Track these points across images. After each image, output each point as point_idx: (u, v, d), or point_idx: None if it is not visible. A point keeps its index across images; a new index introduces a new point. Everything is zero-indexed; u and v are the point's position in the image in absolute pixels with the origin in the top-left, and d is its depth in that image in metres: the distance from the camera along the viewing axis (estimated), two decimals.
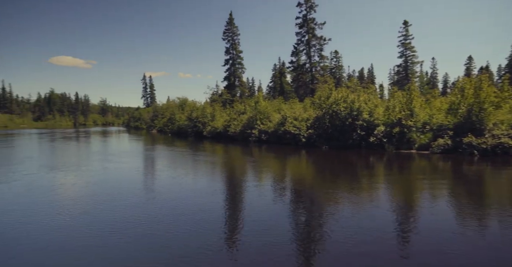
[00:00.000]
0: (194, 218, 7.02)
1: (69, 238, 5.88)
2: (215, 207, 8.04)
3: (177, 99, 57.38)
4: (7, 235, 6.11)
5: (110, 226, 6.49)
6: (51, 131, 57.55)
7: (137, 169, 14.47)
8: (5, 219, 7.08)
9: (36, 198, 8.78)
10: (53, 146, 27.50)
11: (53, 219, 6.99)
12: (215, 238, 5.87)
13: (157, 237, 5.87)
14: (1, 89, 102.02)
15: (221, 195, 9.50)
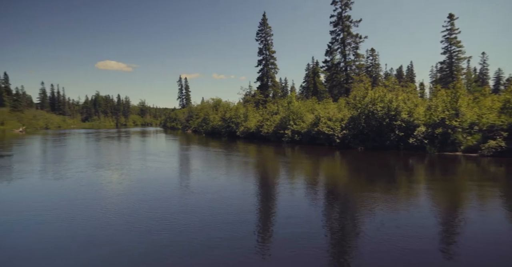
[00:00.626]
0: (229, 217, 7.16)
1: (114, 233, 6.28)
2: (249, 206, 8.12)
3: (211, 100, 58.87)
4: (63, 228, 6.68)
5: (148, 225, 6.82)
6: (97, 131, 61.85)
7: (175, 169, 15.06)
8: (64, 214, 7.75)
9: (88, 195, 9.49)
10: (99, 145, 29.53)
11: (101, 215, 7.53)
12: (249, 237, 5.94)
13: (192, 236, 6.06)
14: (56, 93, 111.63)
15: (255, 195, 9.59)
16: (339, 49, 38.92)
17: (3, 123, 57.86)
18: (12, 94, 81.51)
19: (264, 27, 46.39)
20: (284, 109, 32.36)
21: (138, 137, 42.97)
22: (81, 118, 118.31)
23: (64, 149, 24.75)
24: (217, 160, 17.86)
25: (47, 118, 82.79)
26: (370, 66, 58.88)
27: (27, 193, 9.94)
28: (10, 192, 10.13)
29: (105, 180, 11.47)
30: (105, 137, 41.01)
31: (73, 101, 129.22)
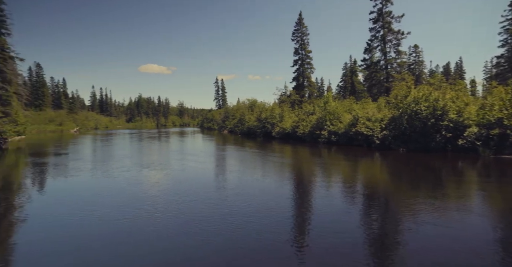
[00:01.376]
0: (264, 217, 7.25)
1: (156, 234, 6.66)
2: (284, 207, 8.15)
3: (246, 101, 59.60)
4: (113, 225, 7.23)
5: (192, 226, 7.12)
6: (139, 131, 65.65)
7: (215, 169, 15.42)
8: (115, 212, 8.38)
9: (135, 193, 10.17)
10: (142, 145, 31.34)
11: (147, 214, 8.02)
12: (283, 239, 5.97)
13: (226, 236, 6.23)
14: (104, 96, 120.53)
15: (290, 196, 9.59)
16: (379, 46, 37.34)
17: (61, 124, 63.73)
18: (69, 98, 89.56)
19: (300, 27, 45.99)
20: (321, 109, 31.79)
21: (177, 137, 44.85)
22: (126, 119, 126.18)
23: (111, 149, 26.63)
24: (254, 161, 18.04)
25: (96, 119, 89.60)
26: (413, 64, 55.59)
27: (80, 190, 10.88)
28: (66, 188, 11.14)
29: (150, 180, 12.01)
30: (147, 137, 43.37)
31: (118, 103, 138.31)
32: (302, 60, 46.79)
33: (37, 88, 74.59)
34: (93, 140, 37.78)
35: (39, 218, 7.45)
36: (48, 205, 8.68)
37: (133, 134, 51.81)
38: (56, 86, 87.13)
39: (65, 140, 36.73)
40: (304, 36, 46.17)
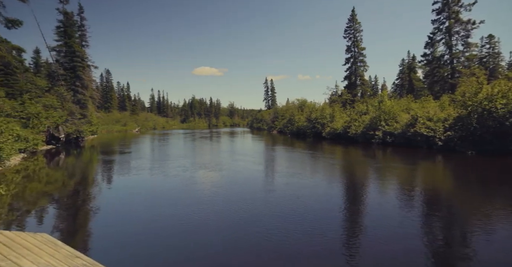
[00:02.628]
0: (315, 221, 7.15)
1: (212, 234, 6.98)
2: (337, 211, 7.94)
3: (296, 101, 59.09)
4: (183, 223, 7.77)
5: (238, 226, 7.32)
6: (192, 131, 69.23)
7: (266, 170, 15.64)
8: (175, 209, 9.01)
9: (194, 193, 10.81)
10: (196, 145, 33.07)
11: (203, 213, 8.46)
12: (333, 242, 5.81)
13: (274, 237, 6.26)
14: (161, 98, 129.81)
15: (342, 199, 9.31)
16: (443, 39, 34.06)
17: (125, 124, 70.28)
18: (131, 100, 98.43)
19: (353, 23, 44.15)
20: (375, 109, 30.18)
21: (228, 137, 46.31)
22: (180, 119, 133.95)
23: (169, 148, 28.55)
24: (305, 162, 17.81)
25: (154, 120, 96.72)
26: (485, 56, 49.52)
27: (143, 187, 11.87)
28: (131, 185, 12.26)
29: (207, 181, 12.40)
30: (200, 137, 45.56)
31: (174, 104, 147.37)
32: (355, 58, 44.86)
33: (106, 92, 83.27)
34: (152, 139, 40.90)
35: (109, 209, 8.37)
36: (115, 198, 9.69)
37: (187, 134, 54.82)
38: (121, 90, 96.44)
39: (128, 139, 40.39)
40: (357, 33, 44.21)
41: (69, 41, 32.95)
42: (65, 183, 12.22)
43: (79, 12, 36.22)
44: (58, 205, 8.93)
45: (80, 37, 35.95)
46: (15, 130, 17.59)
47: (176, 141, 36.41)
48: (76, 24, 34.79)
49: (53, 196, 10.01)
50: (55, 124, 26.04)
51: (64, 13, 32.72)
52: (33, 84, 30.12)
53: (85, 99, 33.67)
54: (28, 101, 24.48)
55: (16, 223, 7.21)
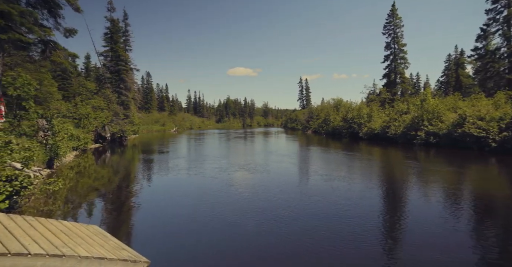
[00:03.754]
0: (350, 223, 6.92)
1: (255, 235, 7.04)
2: (372, 214, 7.65)
3: (331, 100, 57.73)
4: (210, 219, 7.97)
5: (279, 227, 7.30)
6: (227, 131, 70.52)
7: (303, 171, 15.48)
8: (212, 208, 9.25)
9: (232, 193, 11.02)
10: (233, 145, 33.64)
11: (247, 217, 8.59)
12: (370, 248, 5.57)
13: (308, 239, 6.15)
14: (197, 98, 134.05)
15: (384, 203, 8.91)
16: (500, 31, 31.06)
17: (164, 124, 73.61)
18: (170, 101, 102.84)
19: (393, 18, 42.05)
20: (416, 108, 28.51)
21: (263, 137, 46.49)
22: (215, 119, 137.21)
23: (206, 148, 29.36)
24: (343, 164, 17.27)
25: (191, 120, 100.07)
26: None
27: (182, 186, 12.31)
28: (170, 184, 12.78)
29: (245, 182, 12.45)
30: (235, 137, 46.25)
31: (209, 104, 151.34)
32: (395, 55, 42.68)
33: (147, 94, 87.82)
34: (189, 139, 42.34)
35: (150, 205, 8.84)
36: (156, 196, 10.20)
37: (222, 134, 55.95)
38: (160, 91, 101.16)
39: (166, 139, 42.21)
40: (398, 28, 42.01)
41: (114, 46, 35.28)
42: (110, 180, 13.11)
43: (124, 19, 38.61)
44: (105, 200, 9.61)
45: (124, 42, 38.28)
46: (69, 130, 19.21)
47: (212, 141, 37.30)
48: (121, 30, 37.13)
49: (100, 191, 10.79)
50: (102, 124, 28.03)
51: (111, 21, 35.09)
52: (84, 87, 32.73)
53: (128, 100, 35.82)
54: (80, 103, 26.62)
55: (70, 214, 7.88)
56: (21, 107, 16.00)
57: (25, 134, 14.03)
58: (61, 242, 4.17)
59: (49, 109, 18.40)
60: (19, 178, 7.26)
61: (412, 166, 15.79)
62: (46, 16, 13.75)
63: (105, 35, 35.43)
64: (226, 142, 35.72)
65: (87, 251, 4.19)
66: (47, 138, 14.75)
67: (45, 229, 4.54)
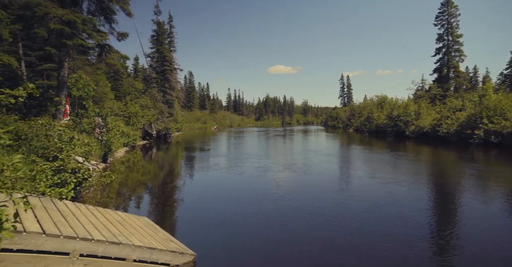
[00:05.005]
0: (398, 227, 6.53)
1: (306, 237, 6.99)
2: (420, 221, 7.14)
3: (375, 97, 55.09)
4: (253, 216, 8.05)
5: (322, 228, 7.14)
6: (266, 129, 70.71)
7: (346, 172, 15.05)
8: (254, 206, 9.36)
9: (276, 193, 11.06)
10: (273, 143, 33.66)
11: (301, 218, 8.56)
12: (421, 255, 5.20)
13: (354, 241, 5.91)
14: (237, 97, 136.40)
15: (430, 208, 8.29)
16: None
17: (205, 122, 76.11)
18: (211, 99, 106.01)
19: (447, 8, 38.76)
20: (474, 105, 26.08)
21: (303, 135, 45.85)
22: (255, 117, 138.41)
23: (246, 146, 29.72)
24: (391, 165, 16.21)
25: (231, 118, 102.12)
26: None
27: (225, 184, 12.58)
28: (211, 182, 13.14)
29: (289, 181, 12.17)
30: (275, 135, 46.14)
31: (249, 102, 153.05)
32: (448, 47, 39.34)
33: (189, 92, 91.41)
34: (229, 137, 43.22)
35: (194, 200, 9.19)
36: (200, 192, 10.57)
37: (261, 132, 56.26)
38: (202, 90, 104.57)
39: (207, 136, 43.54)
40: (452, 18, 38.62)
41: (160, 48, 37.18)
42: (156, 175, 13.88)
43: (169, 21, 40.45)
44: (152, 193, 10.21)
45: (169, 43, 40.12)
46: (121, 127, 20.72)
47: (252, 139, 37.61)
48: (166, 32, 38.98)
49: (147, 185, 11.48)
50: (149, 122, 29.76)
51: (157, 23, 37.04)
52: (133, 87, 35.03)
53: (172, 99, 37.57)
54: (129, 102, 28.55)
55: (122, 205, 8.50)
56: (81, 106, 17.61)
57: (85, 131, 15.41)
58: (117, 231, 4.50)
59: (103, 108, 20.02)
60: (81, 170, 7.99)
61: (470, 167, 14.44)
62: (102, 22, 14.94)
63: (152, 37, 37.45)
64: (266, 140, 35.83)
65: (140, 240, 4.47)
66: (102, 135, 16.05)
67: (104, 218, 4.94)
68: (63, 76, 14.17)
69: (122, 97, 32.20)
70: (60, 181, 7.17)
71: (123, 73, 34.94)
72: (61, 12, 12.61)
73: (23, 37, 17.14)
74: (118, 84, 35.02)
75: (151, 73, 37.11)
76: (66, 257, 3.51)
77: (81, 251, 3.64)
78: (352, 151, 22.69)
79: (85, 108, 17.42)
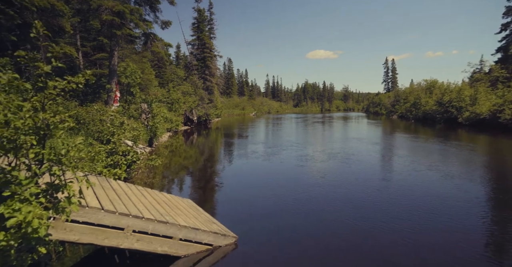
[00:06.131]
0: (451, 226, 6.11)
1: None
2: (476, 221, 6.55)
3: (423, 82, 51.09)
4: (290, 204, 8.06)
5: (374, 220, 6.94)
6: (305, 115, 69.51)
7: (390, 161, 14.39)
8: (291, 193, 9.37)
9: (321, 182, 10.96)
10: (314, 131, 33.11)
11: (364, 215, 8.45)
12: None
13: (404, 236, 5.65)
14: (275, 83, 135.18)
15: (487, 207, 7.61)
16: None
17: (243, 109, 76.92)
18: (249, 86, 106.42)
19: None
20: None
21: (344, 122, 44.41)
22: (293, 103, 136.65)
23: (285, 133, 29.59)
24: (443, 156, 15.13)
25: (269, 104, 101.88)
26: None
27: (263, 172, 12.70)
28: (251, 168, 13.30)
29: (332, 170, 11.88)
30: (314, 122, 45.22)
31: (287, 89, 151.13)
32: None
33: (228, 79, 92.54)
34: (268, 123, 43.28)
35: (234, 185, 9.45)
36: (240, 177, 10.82)
37: (300, 118, 55.39)
38: (240, 76, 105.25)
39: (246, 122, 44.03)
40: None
41: (200, 35, 37.80)
42: (197, 159, 14.44)
43: (209, 8, 40.77)
44: (193, 177, 10.68)
45: (209, 30, 40.59)
46: (164, 113, 21.76)
47: (291, 126, 37.22)
48: (206, 19, 39.42)
49: (189, 169, 12.02)
50: (190, 108, 30.83)
51: (198, 11, 37.53)
52: (175, 74, 36.32)
53: (212, 86, 38.36)
54: (172, 89, 29.73)
55: (166, 187, 9.03)
56: (129, 93, 18.75)
57: (133, 116, 16.46)
58: (164, 211, 4.80)
59: (148, 94, 21.10)
60: (130, 153, 8.59)
61: None
62: (148, 11, 15.59)
63: (193, 25, 38.14)
64: (305, 127, 35.29)
65: (185, 221, 4.73)
66: (148, 120, 17.01)
67: (152, 198, 5.29)
68: (113, 64, 15.13)
69: (165, 84, 33.60)
70: (112, 163, 7.79)
71: (167, 60, 36.32)
72: (112, 4, 13.36)
73: (80, 29, 18.52)
74: (161, 72, 36.54)
75: (192, 60, 38.05)
76: (121, 232, 3.84)
77: (134, 227, 3.94)
78: (399, 139, 21.44)
79: (133, 94, 18.51)
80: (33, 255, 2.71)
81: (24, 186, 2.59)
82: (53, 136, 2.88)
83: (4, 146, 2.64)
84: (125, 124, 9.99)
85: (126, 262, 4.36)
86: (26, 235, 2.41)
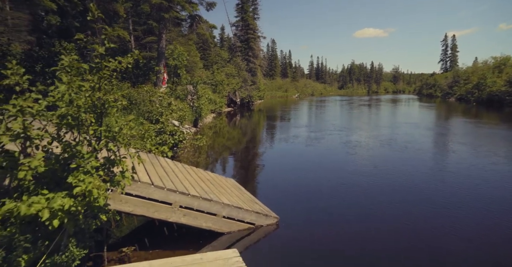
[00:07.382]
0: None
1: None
2: None
3: (491, 60, 45.27)
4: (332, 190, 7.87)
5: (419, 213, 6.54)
6: (350, 98, 66.41)
7: (453, 151, 13.28)
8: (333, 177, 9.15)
9: (370, 170, 10.58)
10: (358, 114, 31.66)
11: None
12: None
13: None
14: (320, 64, 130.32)
15: None
16: None
17: (286, 91, 75.86)
18: (292, 68, 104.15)
19: None
20: None
21: (393, 105, 41.66)
22: (338, 85, 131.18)
23: (329, 116, 28.65)
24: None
25: (313, 86, 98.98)
26: None
27: (308, 156, 12.49)
28: (295, 152, 13.13)
29: (381, 159, 10.93)
30: (359, 104, 43.11)
31: (332, 70, 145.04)
32: None
33: (271, 61, 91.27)
34: (311, 106, 42.25)
35: (276, 167, 9.47)
36: (282, 159, 10.80)
37: (345, 101, 53.05)
38: (284, 58, 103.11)
39: (289, 105, 43.43)
40: None
41: (244, 16, 37.34)
42: (240, 140, 14.68)
43: None
44: (236, 157, 10.91)
45: (253, 10, 39.86)
46: (209, 94, 22.31)
47: (335, 109, 35.90)
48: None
49: (232, 149, 12.29)
50: (233, 90, 31.18)
51: None
52: (219, 56, 36.69)
53: (255, 67, 38.16)
54: (216, 71, 30.21)
55: (210, 167, 9.36)
56: (176, 75, 19.46)
57: (179, 98, 17.13)
58: (209, 189, 4.97)
59: (194, 76, 21.70)
60: (177, 133, 9.00)
61: None
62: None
63: (237, 6, 37.73)
64: (350, 110, 33.79)
65: (228, 199, 4.86)
66: (193, 101, 17.59)
67: (197, 177, 5.51)
68: (161, 47, 15.70)
69: (210, 66, 34.19)
70: (161, 141, 8.25)
71: (211, 42, 36.72)
72: None
73: (132, 14, 19.42)
74: (206, 54, 37.15)
75: (236, 41, 37.98)
76: (169, 207, 4.08)
77: (180, 203, 4.16)
78: (460, 125, 19.33)
79: (179, 76, 19.16)
80: (97, 221, 3.09)
81: (86, 159, 2.86)
82: (108, 115, 3.09)
83: (70, 122, 2.92)
84: (172, 104, 10.43)
85: (174, 235, 4.66)
86: (89, 203, 2.70)
